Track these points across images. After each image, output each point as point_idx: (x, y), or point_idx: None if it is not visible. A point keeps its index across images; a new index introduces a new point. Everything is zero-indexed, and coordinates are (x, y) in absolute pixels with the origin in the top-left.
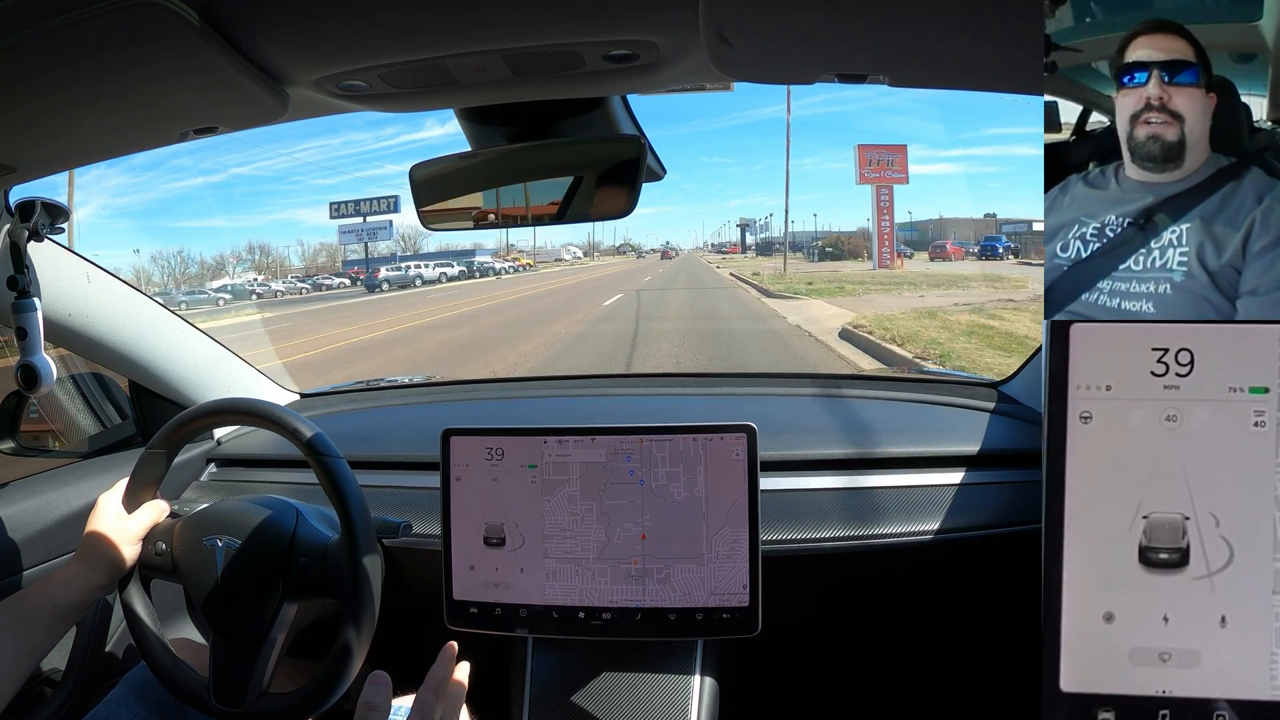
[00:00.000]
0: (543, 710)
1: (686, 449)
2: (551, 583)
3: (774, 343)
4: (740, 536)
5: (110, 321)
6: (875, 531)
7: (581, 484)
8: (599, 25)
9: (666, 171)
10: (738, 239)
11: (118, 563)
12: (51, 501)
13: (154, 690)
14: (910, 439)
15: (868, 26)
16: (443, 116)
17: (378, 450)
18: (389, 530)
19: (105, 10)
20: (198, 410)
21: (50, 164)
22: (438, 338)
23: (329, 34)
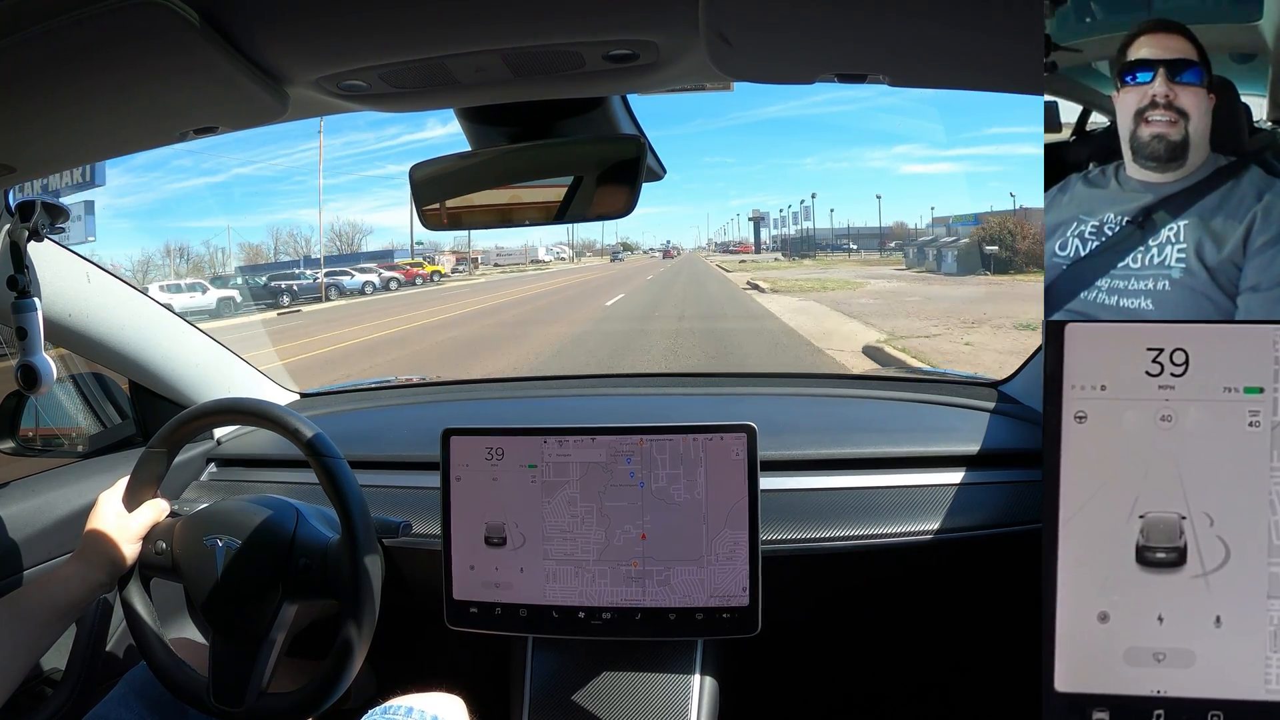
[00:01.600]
0: (543, 710)
1: (687, 451)
2: (551, 584)
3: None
4: (740, 539)
5: (110, 321)
6: (875, 531)
7: (582, 486)
8: (599, 25)
9: (666, 171)
10: (747, 236)
11: (117, 561)
12: (51, 501)
13: (154, 690)
14: (910, 439)
15: (868, 26)
16: (444, 116)
17: (378, 450)
18: (389, 530)
19: (105, 10)
20: (198, 410)
21: (50, 164)
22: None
23: (329, 34)
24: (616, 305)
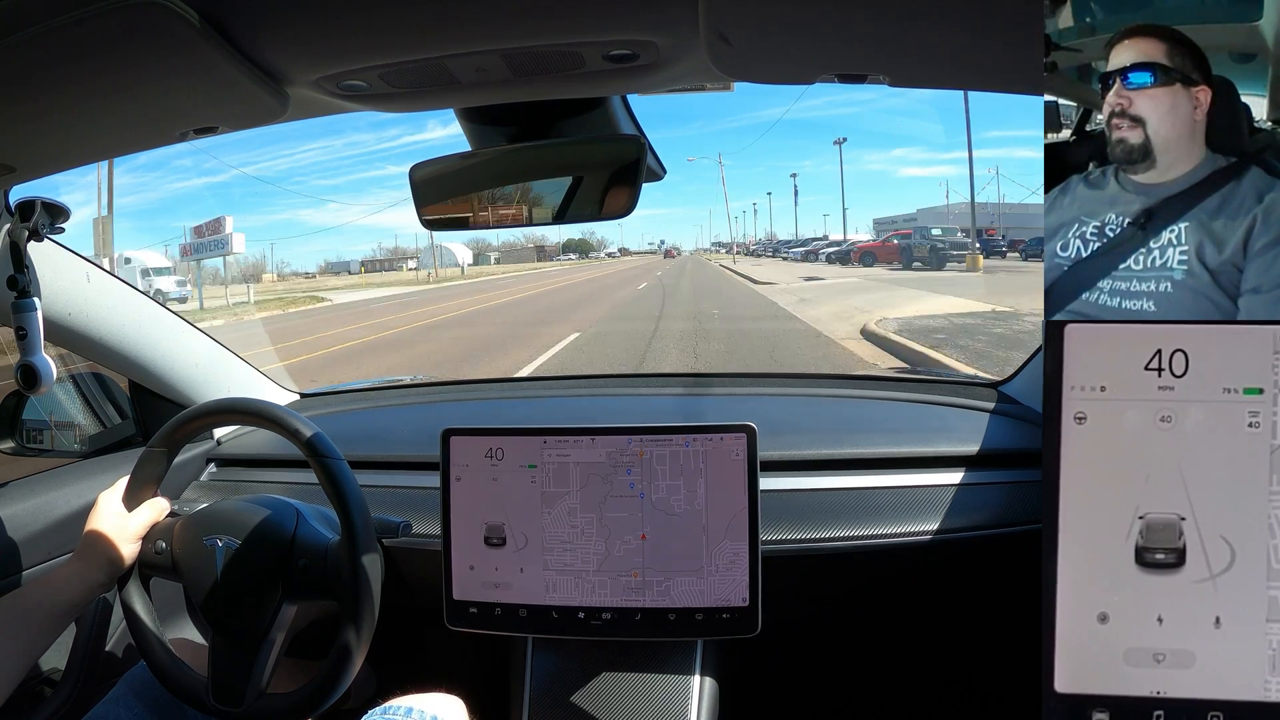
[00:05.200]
0: (543, 710)
1: (687, 461)
2: (552, 593)
3: None
4: (740, 550)
5: (110, 321)
6: (875, 532)
7: (582, 496)
8: (599, 25)
9: (666, 171)
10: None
11: (117, 561)
12: (51, 501)
13: (153, 690)
14: (910, 439)
15: (868, 26)
16: (444, 117)
17: (378, 450)
18: (389, 530)
19: (105, 10)
20: (198, 410)
21: (50, 164)
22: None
23: (329, 34)
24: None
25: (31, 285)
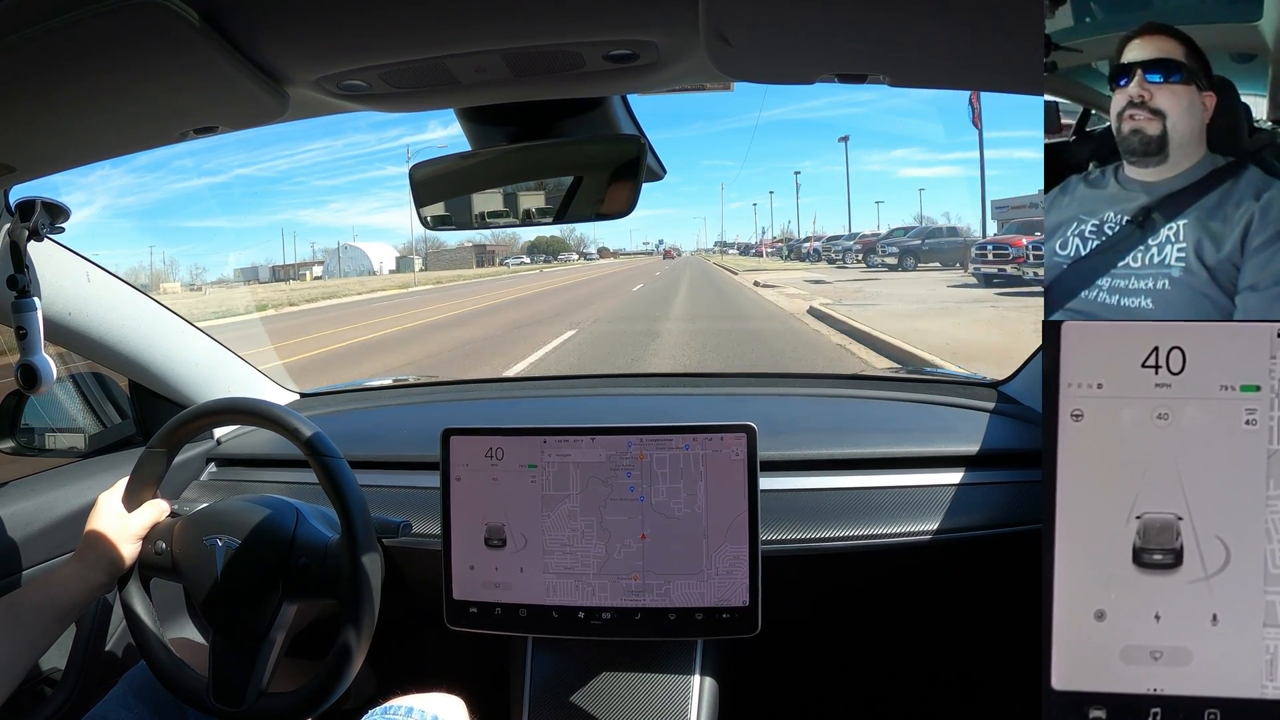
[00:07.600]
0: (543, 710)
1: (687, 465)
2: (552, 595)
3: None
4: (740, 552)
5: (110, 321)
6: (875, 531)
7: (582, 500)
8: (599, 25)
9: (666, 171)
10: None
11: (117, 561)
12: (51, 501)
13: (153, 690)
14: (910, 439)
15: (868, 26)
16: (445, 117)
17: (378, 450)
18: (389, 530)
19: (105, 10)
20: (198, 410)
21: (50, 164)
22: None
23: (329, 34)
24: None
25: (31, 285)
